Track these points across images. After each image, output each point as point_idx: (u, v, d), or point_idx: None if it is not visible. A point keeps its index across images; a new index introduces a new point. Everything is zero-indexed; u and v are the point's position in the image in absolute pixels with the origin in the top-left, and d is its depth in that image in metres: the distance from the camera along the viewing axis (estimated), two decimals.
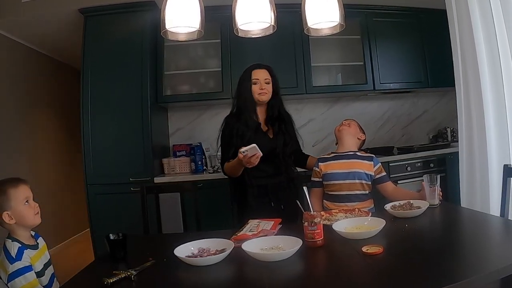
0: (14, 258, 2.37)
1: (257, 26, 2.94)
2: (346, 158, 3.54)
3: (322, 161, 3.61)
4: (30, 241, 2.56)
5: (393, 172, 5.37)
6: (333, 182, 3.48)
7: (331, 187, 3.50)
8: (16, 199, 2.49)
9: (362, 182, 3.45)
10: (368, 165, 3.50)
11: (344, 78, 6.10)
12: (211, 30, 5.25)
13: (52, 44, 6.74)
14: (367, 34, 5.89)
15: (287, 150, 3.62)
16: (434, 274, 1.84)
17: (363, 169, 3.48)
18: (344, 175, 3.46)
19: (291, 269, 2.13)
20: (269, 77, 3.62)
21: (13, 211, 2.47)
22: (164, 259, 2.35)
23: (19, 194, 2.52)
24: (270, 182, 3.54)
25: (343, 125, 3.68)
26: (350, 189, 3.44)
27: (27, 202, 2.55)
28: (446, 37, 4.01)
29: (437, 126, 6.64)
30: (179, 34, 2.98)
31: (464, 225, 2.93)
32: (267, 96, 3.59)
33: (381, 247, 2.18)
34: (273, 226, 2.74)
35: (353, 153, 3.57)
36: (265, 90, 3.56)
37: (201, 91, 5.71)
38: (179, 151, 5.75)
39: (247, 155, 3.08)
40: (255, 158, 3.10)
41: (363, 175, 3.46)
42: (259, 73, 3.60)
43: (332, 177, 3.49)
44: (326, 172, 3.52)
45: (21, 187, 2.55)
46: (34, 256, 2.48)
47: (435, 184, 3.08)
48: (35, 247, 2.55)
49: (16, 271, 2.33)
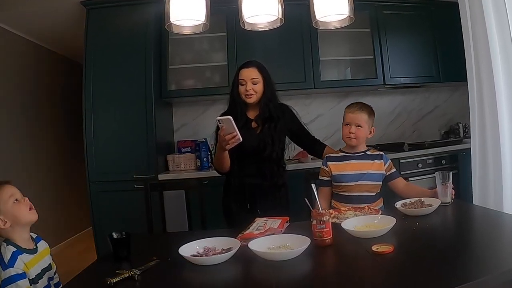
0: (7, 264, 2.33)
1: (264, 19, 2.94)
2: (356, 158, 3.48)
3: (331, 160, 3.53)
4: (29, 245, 2.51)
5: (404, 169, 5.36)
6: (344, 184, 3.43)
7: (341, 188, 3.46)
8: (1, 200, 2.44)
9: (374, 183, 3.42)
10: (378, 164, 3.46)
11: (353, 73, 6.10)
12: (217, 23, 5.22)
13: (53, 37, 6.75)
14: (377, 27, 5.87)
15: (274, 152, 3.53)
16: (446, 273, 1.84)
17: (374, 169, 3.43)
18: (355, 177, 3.40)
19: (299, 268, 2.13)
20: (258, 76, 3.49)
21: (3, 213, 2.42)
22: (169, 259, 2.35)
23: (3, 194, 2.46)
24: (250, 182, 3.51)
25: (351, 136, 3.44)
26: (361, 191, 3.40)
27: (16, 200, 2.49)
28: (458, 30, 3.99)
29: (448, 121, 6.62)
30: (184, 27, 2.98)
31: (477, 223, 2.93)
32: (255, 97, 3.48)
33: (391, 246, 2.18)
34: (280, 225, 2.74)
35: (363, 153, 3.51)
36: (251, 91, 3.45)
37: (207, 86, 5.72)
38: (184, 148, 5.75)
39: (223, 128, 3.07)
40: (230, 137, 3.08)
41: (374, 176, 3.42)
42: (246, 72, 3.49)
43: (342, 178, 3.43)
44: (336, 173, 3.46)
45: (4, 187, 2.50)
46: (29, 262, 2.43)
47: (447, 181, 3.06)
48: (32, 252, 2.50)
49: (8, 278, 2.30)
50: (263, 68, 3.54)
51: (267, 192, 3.53)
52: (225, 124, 3.05)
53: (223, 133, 3.10)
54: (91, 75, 5.17)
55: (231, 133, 3.07)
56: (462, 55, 3.98)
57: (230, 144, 3.12)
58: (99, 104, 5.16)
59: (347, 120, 3.44)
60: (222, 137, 3.12)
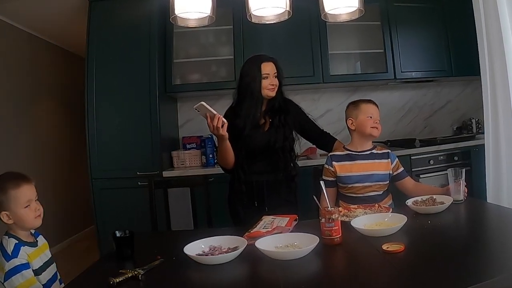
0: (10, 255, 2.36)
1: (271, 12, 2.94)
2: (362, 158, 3.46)
3: (336, 160, 3.50)
4: (29, 239, 2.55)
5: (415, 166, 5.36)
6: (350, 185, 3.42)
7: (347, 189, 3.46)
8: (16, 202, 2.45)
9: (381, 183, 3.41)
10: (385, 164, 3.45)
11: (363, 67, 6.09)
12: (223, 15, 5.22)
13: (55, 30, 6.77)
14: (387, 20, 5.84)
15: (287, 141, 3.55)
16: (459, 273, 1.84)
17: (381, 170, 3.42)
18: (361, 178, 3.39)
19: (307, 268, 2.12)
20: (276, 70, 3.51)
21: (12, 213, 2.45)
22: (173, 258, 2.35)
23: (20, 196, 2.47)
24: (258, 179, 3.52)
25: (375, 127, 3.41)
26: (368, 191, 3.40)
27: (28, 205, 2.49)
28: (471, 23, 3.98)
29: (461, 117, 6.60)
30: (189, 20, 2.98)
31: (491, 221, 2.92)
32: (276, 91, 3.51)
33: (402, 245, 2.17)
34: (288, 223, 2.73)
35: (369, 152, 3.49)
36: (275, 85, 3.47)
37: (212, 80, 5.72)
38: (189, 144, 5.75)
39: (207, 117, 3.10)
40: (216, 120, 3.09)
41: (381, 177, 3.41)
42: (268, 66, 3.47)
43: (348, 180, 3.42)
44: (342, 174, 3.44)
45: (23, 188, 2.50)
46: (32, 254, 2.47)
47: (460, 178, 3.05)
48: (33, 245, 2.53)
49: (13, 269, 2.33)
50: (279, 64, 3.55)
51: (279, 186, 3.53)
52: (202, 110, 3.07)
53: (208, 121, 3.11)
54: (94, 69, 5.17)
55: (214, 116, 3.09)
56: (475, 49, 3.97)
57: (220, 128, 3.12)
58: (102, 99, 5.16)
59: (369, 112, 3.43)
60: (210, 125, 3.13)
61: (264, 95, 3.47)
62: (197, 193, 3.81)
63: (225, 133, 3.17)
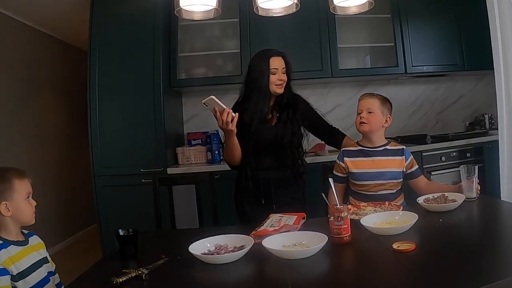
0: None
1: (279, 4, 2.95)
2: (375, 155, 3.44)
3: (348, 155, 3.48)
4: (18, 237, 2.49)
5: (427, 163, 5.35)
6: (362, 183, 3.41)
7: (358, 186, 3.45)
8: (19, 192, 2.44)
9: (394, 181, 3.39)
10: (399, 161, 3.42)
11: (373, 61, 6.07)
12: (229, 8, 5.18)
13: (57, 23, 6.78)
14: (398, 12, 5.81)
15: (295, 137, 3.55)
16: (471, 272, 1.84)
17: (394, 167, 3.40)
18: (374, 176, 3.38)
19: (315, 267, 2.13)
20: (285, 65, 3.50)
21: (13, 203, 2.42)
22: (178, 257, 2.36)
23: (23, 187, 2.47)
24: (265, 176, 3.51)
25: (362, 122, 3.43)
26: (381, 189, 3.38)
27: (28, 198, 2.50)
28: (484, 15, 3.96)
29: (474, 112, 6.56)
30: (194, 12, 2.99)
31: (504, 220, 2.91)
32: (283, 88, 3.51)
33: (413, 244, 2.17)
34: (296, 221, 2.73)
35: (382, 148, 3.46)
36: (283, 81, 3.47)
37: (218, 75, 5.72)
38: (194, 140, 5.76)
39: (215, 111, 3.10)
40: (225, 114, 3.10)
41: (394, 174, 3.39)
42: (277, 61, 3.46)
43: (360, 176, 3.41)
44: (354, 170, 3.42)
45: (26, 181, 2.51)
46: (18, 253, 2.39)
47: (473, 175, 3.04)
48: (21, 244, 2.47)
49: None
50: (287, 58, 3.54)
51: (287, 183, 3.54)
52: (211, 104, 3.07)
53: (217, 115, 3.12)
54: (96, 63, 5.17)
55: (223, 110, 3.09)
56: (488, 42, 3.96)
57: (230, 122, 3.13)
58: (105, 94, 5.17)
59: (359, 108, 3.44)
60: (219, 119, 3.13)
61: (271, 91, 3.46)
62: (202, 191, 3.81)
63: (234, 128, 3.17)
